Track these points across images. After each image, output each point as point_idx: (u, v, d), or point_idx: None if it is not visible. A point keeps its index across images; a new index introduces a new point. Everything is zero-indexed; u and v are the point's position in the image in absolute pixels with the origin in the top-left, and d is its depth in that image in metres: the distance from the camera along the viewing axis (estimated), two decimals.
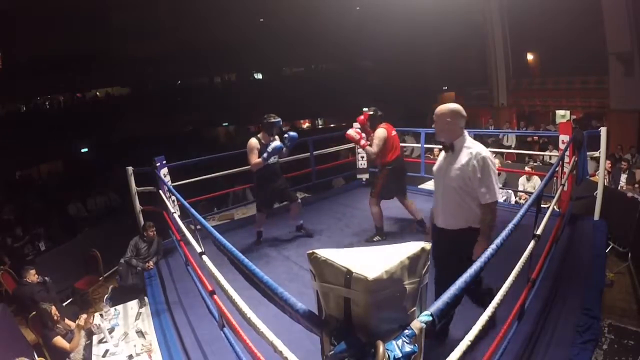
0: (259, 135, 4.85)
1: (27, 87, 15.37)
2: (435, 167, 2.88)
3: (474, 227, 2.66)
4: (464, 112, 2.70)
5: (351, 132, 4.94)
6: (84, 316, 4.12)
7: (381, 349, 1.04)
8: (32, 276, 5.18)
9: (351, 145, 7.43)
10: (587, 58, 12.60)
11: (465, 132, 2.72)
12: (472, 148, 2.64)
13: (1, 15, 12.34)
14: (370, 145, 4.80)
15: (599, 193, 4.96)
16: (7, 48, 14.96)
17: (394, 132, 4.90)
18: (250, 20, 18.08)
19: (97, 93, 18.81)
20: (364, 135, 4.95)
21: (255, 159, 4.74)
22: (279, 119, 4.88)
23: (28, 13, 13.16)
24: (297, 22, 17.82)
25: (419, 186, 7.39)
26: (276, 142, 4.70)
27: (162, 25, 16.07)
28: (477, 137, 2.96)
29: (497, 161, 8.50)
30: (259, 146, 4.76)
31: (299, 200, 5.35)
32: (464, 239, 2.67)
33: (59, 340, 4.02)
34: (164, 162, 5.45)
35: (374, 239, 5.01)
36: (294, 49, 19.35)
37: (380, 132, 4.75)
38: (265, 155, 4.66)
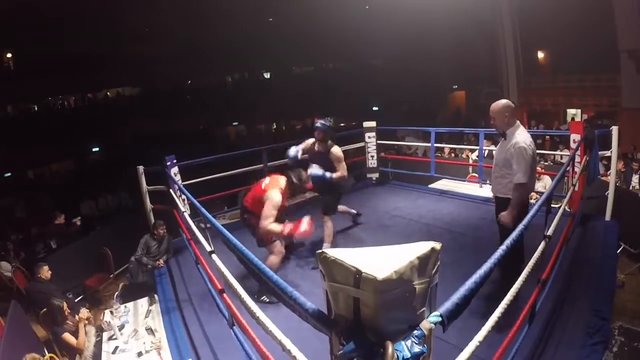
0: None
1: (38, 88, 15.56)
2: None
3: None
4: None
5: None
6: (84, 310, 4.19)
7: (390, 349, 1.05)
8: (46, 272, 5.24)
9: (361, 144, 7.40)
10: (598, 56, 12.47)
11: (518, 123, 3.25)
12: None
13: (12, 16, 12.51)
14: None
15: (611, 193, 4.90)
16: (19, 49, 15.19)
17: None
18: (260, 20, 18.14)
19: (108, 93, 18.98)
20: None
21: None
22: None
23: (39, 14, 13.32)
24: (306, 22, 17.85)
25: (429, 186, 7.32)
26: None
27: (172, 25, 16.18)
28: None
29: None
30: None
31: None
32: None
33: (67, 337, 4.07)
34: (175, 161, 5.50)
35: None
36: (304, 48, 19.35)
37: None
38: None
